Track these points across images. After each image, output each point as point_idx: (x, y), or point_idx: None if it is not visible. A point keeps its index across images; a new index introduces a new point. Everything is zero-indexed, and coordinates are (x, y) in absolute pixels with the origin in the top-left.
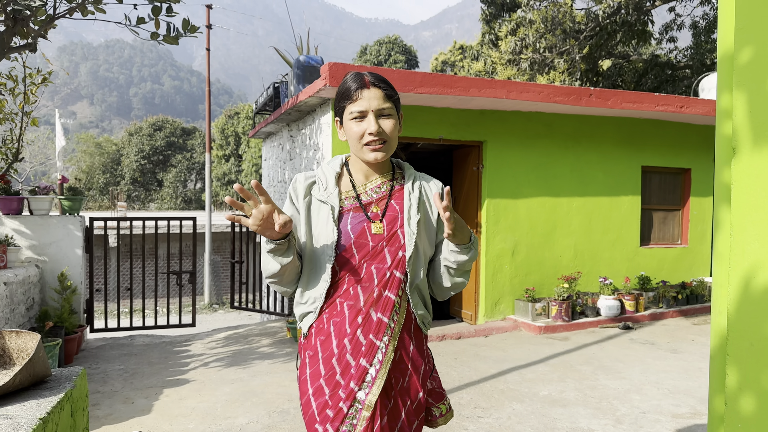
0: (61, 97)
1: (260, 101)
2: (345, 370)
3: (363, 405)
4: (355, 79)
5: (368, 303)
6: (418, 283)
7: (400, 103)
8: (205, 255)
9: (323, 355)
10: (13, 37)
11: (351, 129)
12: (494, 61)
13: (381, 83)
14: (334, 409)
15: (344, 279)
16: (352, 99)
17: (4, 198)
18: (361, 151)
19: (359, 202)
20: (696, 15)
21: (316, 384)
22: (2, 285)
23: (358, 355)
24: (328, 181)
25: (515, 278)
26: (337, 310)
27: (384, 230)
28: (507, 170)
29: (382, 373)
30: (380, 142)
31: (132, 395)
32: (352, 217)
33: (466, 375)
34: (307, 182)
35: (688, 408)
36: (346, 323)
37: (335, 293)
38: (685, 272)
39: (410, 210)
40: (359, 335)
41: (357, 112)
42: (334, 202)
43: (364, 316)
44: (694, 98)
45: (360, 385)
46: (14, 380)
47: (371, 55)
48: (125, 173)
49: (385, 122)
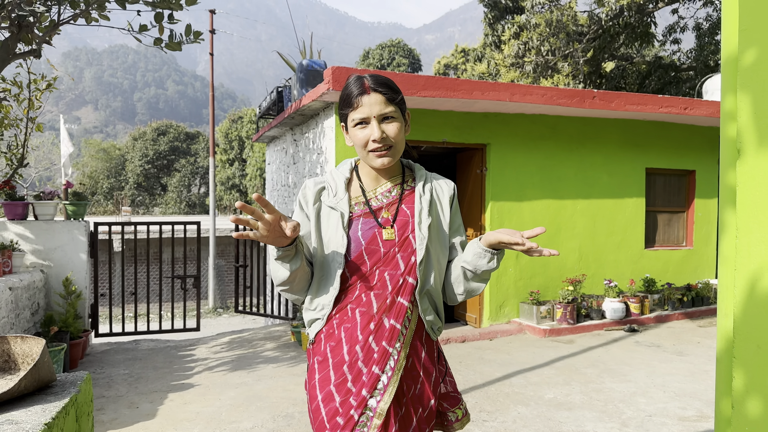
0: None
1: (264, 105)
2: (357, 377)
3: (374, 413)
4: (356, 84)
5: (381, 310)
6: (428, 288)
7: (405, 104)
8: (210, 259)
9: (333, 361)
10: (17, 44)
11: (356, 136)
12: (497, 63)
13: (382, 87)
14: (344, 416)
15: (356, 285)
16: (353, 106)
17: (9, 203)
18: (368, 158)
19: (369, 207)
20: (699, 17)
21: (325, 390)
22: (7, 290)
23: (370, 363)
24: (338, 187)
25: (519, 281)
26: (348, 316)
27: (395, 236)
28: (511, 173)
29: (394, 380)
30: (385, 148)
31: (137, 400)
32: (363, 223)
33: (470, 378)
34: (316, 188)
35: (694, 411)
36: (357, 330)
37: (346, 300)
38: (690, 274)
39: (421, 213)
40: (371, 342)
41: (359, 119)
42: (343, 209)
43: (376, 322)
44: (698, 100)
45: (371, 392)
46: (19, 385)
47: (374, 58)
48: (129, 178)
49: (388, 126)
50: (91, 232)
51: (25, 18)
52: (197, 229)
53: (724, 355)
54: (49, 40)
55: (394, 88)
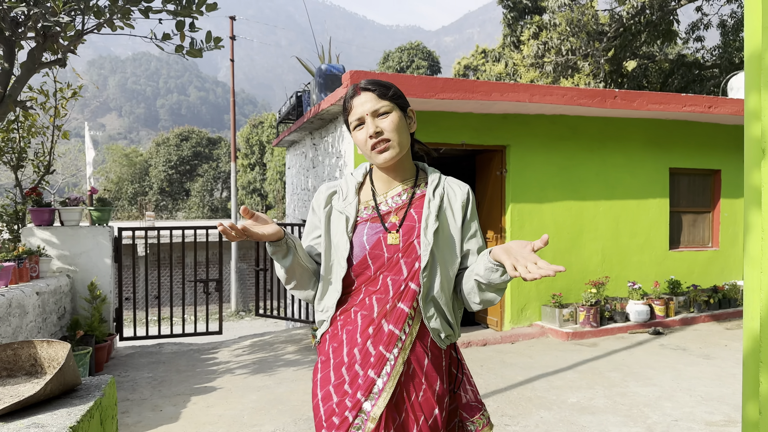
0: (91, 109)
1: (283, 110)
2: (353, 379)
3: (368, 416)
4: (350, 89)
5: (381, 314)
6: (434, 295)
7: (406, 100)
8: (232, 263)
9: (334, 362)
10: (43, 53)
11: (357, 138)
12: (516, 63)
13: (372, 85)
14: (340, 417)
15: (360, 289)
16: (348, 110)
17: (36, 210)
18: (371, 157)
19: (377, 211)
20: (723, 13)
21: (324, 389)
22: (35, 295)
23: (366, 366)
24: (349, 191)
25: (541, 284)
26: (350, 318)
27: (400, 241)
28: (531, 174)
29: (390, 385)
30: (383, 142)
31: (160, 403)
32: (369, 228)
33: (492, 382)
34: (327, 192)
35: (721, 415)
36: (357, 333)
37: (350, 302)
38: (716, 276)
39: (428, 219)
40: (369, 346)
41: (355, 120)
42: (350, 213)
43: (375, 327)
44: (723, 98)
45: (367, 396)
46: (45, 389)
47: (393, 61)
48: (153, 183)
49: (382, 122)
50: (115, 237)
51: (50, 28)
52: (219, 233)
53: (751, 358)
54: (74, 49)
55: (385, 84)
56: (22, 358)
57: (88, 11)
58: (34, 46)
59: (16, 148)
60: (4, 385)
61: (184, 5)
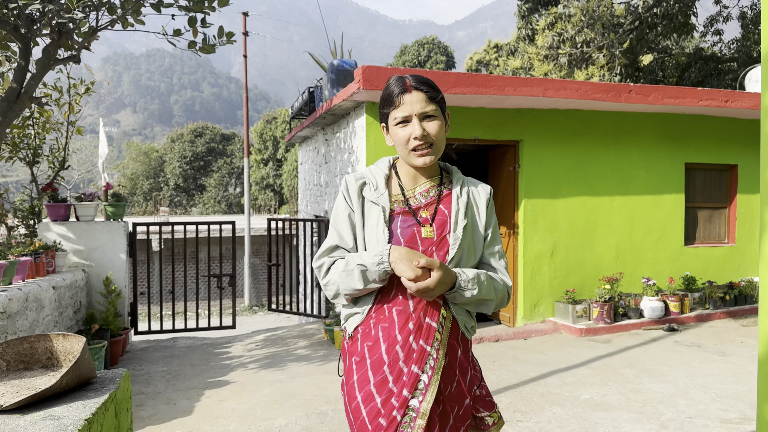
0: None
1: (296, 106)
2: (398, 377)
3: (417, 413)
4: (397, 83)
5: (418, 308)
6: None
7: (446, 104)
8: (245, 258)
9: (371, 361)
10: (58, 50)
11: (397, 134)
12: (531, 57)
13: (423, 86)
14: (387, 417)
15: (392, 283)
16: (395, 104)
17: (52, 205)
18: (409, 157)
19: (408, 206)
20: (744, 5)
21: (365, 390)
22: (51, 289)
23: (410, 362)
24: (378, 182)
25: (554, 280)
26: (384, 314)
27: (434, 234)
28: (544, 170)
29: (435, 379)
30: (426, 146)
31: (174, 396)
32: (402, 221)
33: (504, 378)
34: (358, 183)
35: (737, 413)
36: (395, 329)
37: (384, 298)
38: (732, 272)
39: (458, 214)
40: (411, 341)
41: (401, 117)
42: (385, 203)
43: (415, 321)
44: (740, 92)
45: (413, 392)
46: (61, 382)
47: (410, 55)
48: (168, 179)
49: (429, 125)
50: (129, 232)
51: (64, 25)
52: (232, 228)
53: (767, 358)
54: (88, 45)
55: (434, 87)
56: (38, 351)
57: (102, 7)
58: (48, 43)
59: (32, 144)
60: (21, 377)
61: (196, 1)
